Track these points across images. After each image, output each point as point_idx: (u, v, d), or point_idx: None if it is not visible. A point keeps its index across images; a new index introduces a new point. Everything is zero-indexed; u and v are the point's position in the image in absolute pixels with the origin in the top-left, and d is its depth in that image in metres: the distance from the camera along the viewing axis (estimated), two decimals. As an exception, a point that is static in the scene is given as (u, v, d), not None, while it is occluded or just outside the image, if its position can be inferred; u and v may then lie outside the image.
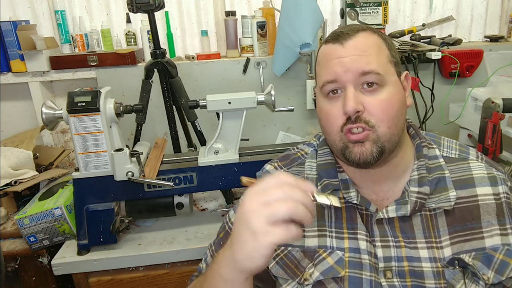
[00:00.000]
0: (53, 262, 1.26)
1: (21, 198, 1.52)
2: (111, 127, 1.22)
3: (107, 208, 1.25)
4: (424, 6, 1.94)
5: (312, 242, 0.80)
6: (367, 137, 0.73)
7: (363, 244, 0.77)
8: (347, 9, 1.72)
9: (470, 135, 1.62)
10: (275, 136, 1.88)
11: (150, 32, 1.42)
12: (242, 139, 1.29)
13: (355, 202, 0.79)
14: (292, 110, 1.38)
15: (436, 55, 1.69)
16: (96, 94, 1.17)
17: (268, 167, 0.92)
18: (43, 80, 1.73)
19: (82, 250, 1.27)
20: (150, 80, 1.45)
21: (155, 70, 1.44)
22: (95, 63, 1.70)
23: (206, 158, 1.28)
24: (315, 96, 1.77)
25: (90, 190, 1.24)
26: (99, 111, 1.16)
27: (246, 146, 1.37)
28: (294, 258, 0.80)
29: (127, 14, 1.73)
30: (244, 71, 1.78)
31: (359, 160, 0.74)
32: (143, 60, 1.78)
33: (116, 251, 1.28)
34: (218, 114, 1.27)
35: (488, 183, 0.79)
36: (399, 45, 1.77)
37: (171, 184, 1.25)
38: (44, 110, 1.17)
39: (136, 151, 1.21)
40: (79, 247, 1.26)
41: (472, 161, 0.82)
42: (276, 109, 1.26)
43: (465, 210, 0.77)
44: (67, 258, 1.26)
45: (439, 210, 0.77)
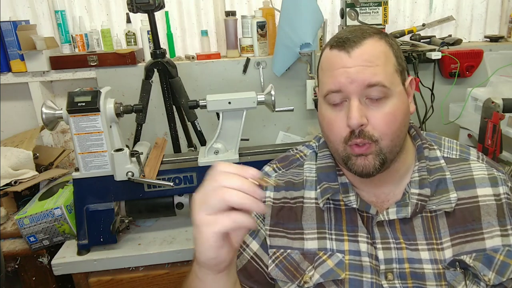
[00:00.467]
0: (53, 262, 1.26)
1: (21, 198, 1.52)
2: (111, 127, 1.22)
3: (107, 208, 1.25)
4: (424, 6, 1.94)
5: (311, 245, 0.80)
6: (370, 150, 0.73)
7: (363, 247, 0.77)
8: (347, 9, 1.72)
9: (470, 135, 1.62)
10: (275, 136, 1.88)
11: (150, 32, 1.42)
12: (242, 139, 1.29)
13: (354, 206, 0.79)
14: (292, 110, 1.38)
15: (436, 55, 1.68)
16: (96, 94, 1.17)
17: (267, 168, 0.92)
18: (43, 80, 1.73)
19: (82, 250, 1.27)
20: (150, 80, 1.45)
21: (155, 70, 1.44)
22: (95, 63, 1.70)
23: (206, 158, 1.28)
24: (315, 96, 1.76)
25: (90, 190, 1.23)
26: (99, 111, 1.16)
27: (246, 146, 1.37)
28: (294, 261, 0.80)
29: (127, 14, 1.73)
30: (244, 71, 1.78)
31: (361, 172, 0.74)
32: (143, 60, 1.78)
33: (116, 251, 1.28)
34: (218, 114, 1.27)
35: (488, 183, 0.79)
36: (399, 45, 1.77)
37: (171, 184, 1.25)
38: (44, 110, 1.17)
39: (136, 151, 1.21)
40: (79, 247, 1.26)
41: (473, 161, 0.82)
42: (276, 109, 1.26)
43: (465, 211, 0.77)
44: (67, 258, 1.26)
45: (440, 212, 0.77)
